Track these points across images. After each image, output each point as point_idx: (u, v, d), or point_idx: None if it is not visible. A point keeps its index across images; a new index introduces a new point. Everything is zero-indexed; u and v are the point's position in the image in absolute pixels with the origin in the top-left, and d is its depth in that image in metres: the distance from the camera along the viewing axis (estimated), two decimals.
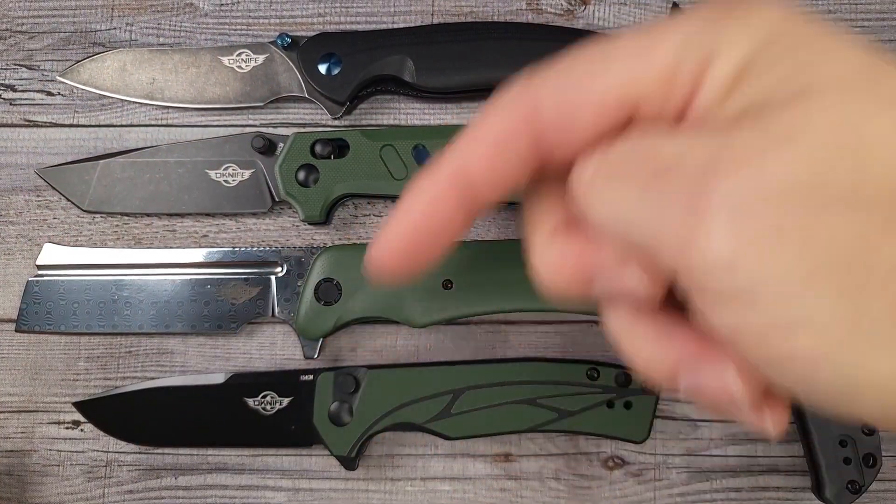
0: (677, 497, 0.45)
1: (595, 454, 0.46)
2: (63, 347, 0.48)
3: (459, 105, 0.50)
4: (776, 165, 0.14)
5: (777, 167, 0.14)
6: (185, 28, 0.51)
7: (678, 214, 0.15)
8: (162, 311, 0.46)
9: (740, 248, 0.14)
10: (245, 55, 0.49)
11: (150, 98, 0.49)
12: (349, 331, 0.47)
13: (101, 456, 0.47)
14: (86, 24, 0.51)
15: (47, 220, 0.49)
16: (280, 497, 0.46)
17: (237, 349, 0.48)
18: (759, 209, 0.14)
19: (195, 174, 0.47)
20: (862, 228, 0.14)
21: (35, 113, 0.50)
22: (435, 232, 0.20)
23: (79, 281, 0.47)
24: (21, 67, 0.51)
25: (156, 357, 0.47)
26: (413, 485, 0.46)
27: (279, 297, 0.45)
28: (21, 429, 0.47)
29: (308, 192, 0.46)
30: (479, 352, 0.47)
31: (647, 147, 0.17)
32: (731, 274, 0.15)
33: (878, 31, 0.49)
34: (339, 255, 0.45)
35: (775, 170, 0.14)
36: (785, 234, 0.14)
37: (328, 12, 0.51)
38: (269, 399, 0.44)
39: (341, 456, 0.43)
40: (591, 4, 0.51)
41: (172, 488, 0.46)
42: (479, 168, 0.19)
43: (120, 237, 0.49)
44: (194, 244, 0.48)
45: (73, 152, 0.50)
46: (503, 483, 0.46)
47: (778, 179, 0.14)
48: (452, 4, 0.51)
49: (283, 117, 0.50)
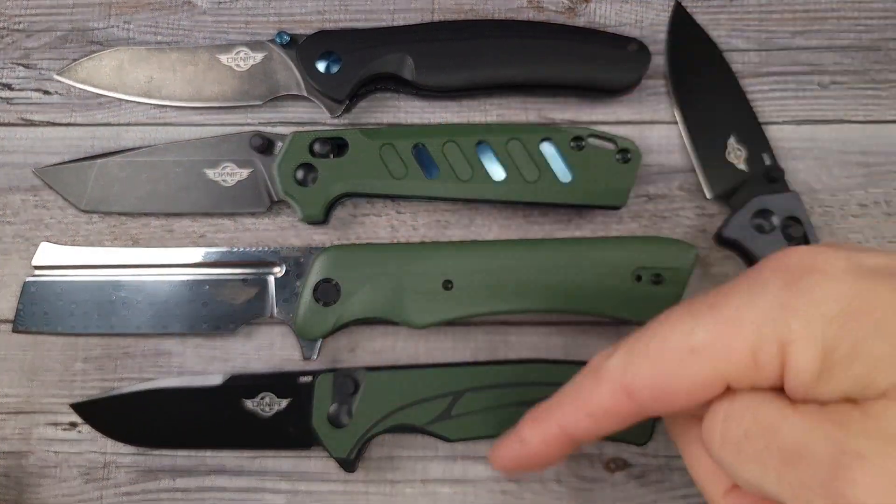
0: (679, 499, 0.45)
1: (597, 456, 0.45)
2: (60, 348, 0.47)
3: (460, 103, 0.49)
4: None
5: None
6: (183, 26, 0.51)
7: (820, 495, 0.18)
8: (160, 311, 0.46)
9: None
10: (243, 53, 0.48)
11: (148, 97, 0.49)
12: (348, 332, 0.47)
13: (98, 458, 0.46)
14: (83, 23, 0.51)
15: (44, 220, 0.49)
16: (279, 499, 0.46)
17: (235, 350, 0.47)
18: None
19: (193, 173, 0.47)
20: None
21: (32, 112, 0.50)
22: (538, 459, 0.27)
23: (76, 281, 0.46)
24: (18, 66, 0.51)
25: (153, 358, 0.47)
26: (413, 487, 0.45)
27: (278, 297, 0.45)
28: (18, 430, 0.47)
29: (307, 192, 0.45)
30: (479, 353, 0.47)
31: (764, 422, 0.20)
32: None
33: (882, 30, 0.49)
34: (338, 255, 0.44)
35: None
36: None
37: (327, 10, 0.51)
38: (267, 400, 0.44)
39: (340, 458, 0.43)
40: (592, 2, 0.50)
41: (170, 490, 0.46)
42: (580, 432, 0.24)
43: (117, 237, 0.49)
44: (192, 244, 0.48)
45: (71, 151, 0.49)
46: (504, 485, 0.45)
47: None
48: (453, 2, 0.51)
49: (282, 116, 0.50)
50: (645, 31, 0.50)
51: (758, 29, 0.50)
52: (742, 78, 0.49)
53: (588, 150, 0.44)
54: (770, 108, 0.48)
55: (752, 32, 0.49)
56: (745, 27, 0.50)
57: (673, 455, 0.45)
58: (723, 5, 0.50)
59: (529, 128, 0.46)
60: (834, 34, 0.49)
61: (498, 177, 0.45)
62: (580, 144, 0.44)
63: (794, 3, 0.50)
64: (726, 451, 0.21)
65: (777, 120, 0.48)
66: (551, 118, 0.49)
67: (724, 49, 0.49)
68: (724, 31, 0.50)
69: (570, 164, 0.44)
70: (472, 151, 0.45)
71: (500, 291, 0.43)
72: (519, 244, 0.44)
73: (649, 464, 0.45)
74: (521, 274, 0.43)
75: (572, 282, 0.42)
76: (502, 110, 0.49)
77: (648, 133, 0.49)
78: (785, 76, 0.49)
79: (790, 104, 0.48)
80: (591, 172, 0.44)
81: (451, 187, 0.45)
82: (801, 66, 0.49)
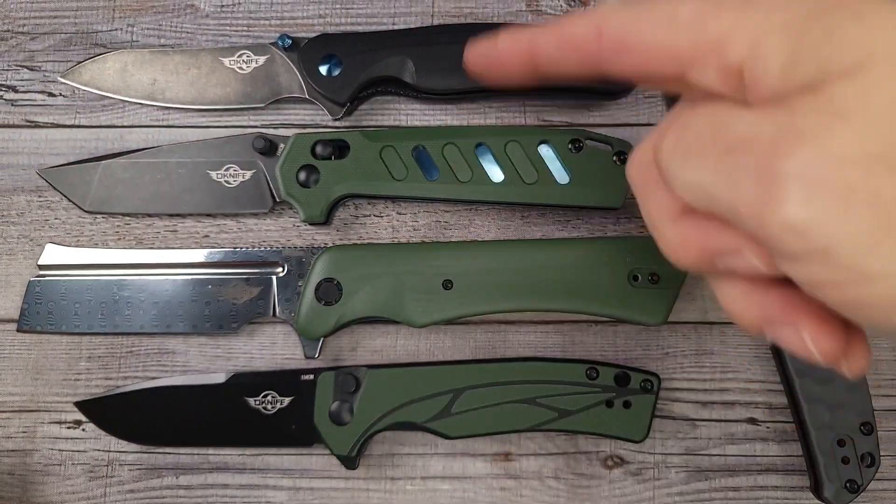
0: (676, 496, 0.46)
1: (594, 453, 0.46)
2: (65, 347, 0.48)
3: (459, 106, 0.50)
4: (841, 139, 0.16)
5: (842, 140, 0.16)
6: (187, 29, 0.51)
7: (753, 185, 0.17)
8: (163, 311, 0.46)
9: (813, 213, 0.16)
10: (246, 56, 0.49)
11: (152, 99, 0.50)
12: (349, 331, 0.47)
13: (102, 455, 0.47)
14: (87, 25, 0.51)
15: (49, 221, 0.49)
16: (281, 496, 0.46)
17: (238, 349, 0.48)
18: (828, 178, 0.16)
19: (196, 175, 0.47)
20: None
21: (36, 114, 0.51)
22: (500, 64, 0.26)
23: (80, 281, 0.47)
24: (23, 68, 0.51)
25: (157, 357, 0.48)
26: (413, 484, 0.46)
27: (280, 297, 0.46)
28: (23, 428, 0.47)
29: (309, 193, 0.46)
30: (478, 351, 0.47)
31: (717, 122, 0.19)
32: (806, 236, 0.17)
33: None
34: (339, 255, 0.45)
35: (841, 143, 0.16)
36: (854, 198, 0.16)
37: (329, 13, 0.51)
38: (269, 398, 0.44)
39: (342, 455, 0.43)
40: (590, 5, 0.51)
41: (174, 487, 0.46)
42: (542, 56, 0.25)
43: (121, 237, 0.49)
44: (195, 244, 0.49)
45: (75, 153, 0.50)
46: (503, 482, 0.46)
47: (843, 151, 0.16)
48: (452, 6, 0.51)
49: (284, 118, 0.50)
50: None
51: None
52: None
53: (585, 152, 0.45)
54: None
55: None
56: None
57: (670, 452, 0.46)
58: None
59: (528, 130, 0.46)
60: None
61: (497, 178, 0.45)
62: (578, 147, 0.45)
63: None
64: (675, 155, 0.21)
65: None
66: (549, 121, 0.50)
67: None
68: None
69: (568, 166, 0.45)
70: (472, 153, 0.45)
71: (500, 291, 0.43)
72: (517, 244, 0.45)
73: (646, 461, 0.46)
74: (520, 274, 0.43)
75: (570, 282, 0.43)
76: (501, 113, 0.50)
77: (645, 135, 0.49)
78: None
79: None
80: (588, 174, 0.45)
81: (451, 188, 0.45)
82: None
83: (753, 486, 0.46)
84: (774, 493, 0.46)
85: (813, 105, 0.17)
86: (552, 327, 0.47)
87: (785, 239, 0.17)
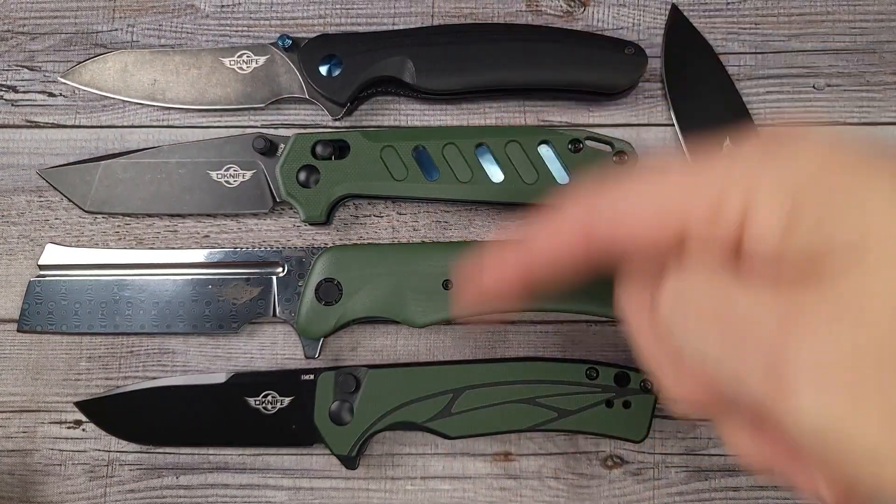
0: (676, 496, 0.46)
1: (594, 453, 0.46)
2: (65, 347, 0.48)
3: (459, 106, 0.50)
4: (846, 332, 0.16)
5: (847, 334, 0.16)
6: (187, 29, 0.51)
7: (761, 370, 0.18)
8: (163, 311, 0.46)
9: (824, 410, 0.16)
10: (246, 56, 0.49)
11: (152, 99, 0.50)
12: (349, 331, 0.48)
13: (102, 455, 0.47)
14: (87, 26, 0.51)
15: (49, 221, 0.49)
16: (281, 496, 0.46)
17: (238, 349, 0.48)
18: (836, 373, 0.16)
19: (196, 175, 0.47)
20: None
21: (37, 114, 0.51)
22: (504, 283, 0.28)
23: (80, 281, 0.47)
24: (23, 68, 0.51)
25: (157, 357, 0.48)
26: (413, 484, 0.46)
27: (280, 297, 0.46)
28: (23, 428, 0.47)
29: (309, 193, 0.46)
30: (478, 351, 0.47)
31: (718, 297, 0.20)
32: (820, 435, 0.17)
33: (876, 33, 0.50)
34: (339, 255, 0.45)
35: (846, 336, 0.16)
36: (863, 393, 0.16)
37: (329, 14, 0.51)
38: (270, 398, 0.44)
39: (342, 455, 0.43)
40: (590, 6, 0.51)
41: (174, 487, 0.46)
42: (540, 266, 0.26)
43: (121, 237, 0.49)
44: (196, 244, 0.49)
45: (75, 153, 0.50)
46: (503, 482, 0.46)
47: (849, 344, 0.16)
48: (452, 6, 0.51)
49: (284, 118, 0.50)
50: (642, 35, 0.50)
51: (753, 32, 0.50)
52: (738, 81, 0.49)
53: (585, 152, 0.45)
54: (766, 111, 0.49)
55: (748, 36, 0.50)
56: (741, 30, 0.50)
57: (669, 452, 0.46)
58: (719, 9, 0.51)
59: (528, 130, 0.46)
60: (829, 37, 0.50)
61: (497, 178, 0.45)
62: (577, 147, 0.45)
63: (789, 7, 0.50)
64: (674, 315, 0.21)
65: (773, 122, 0.49)
66: (549, 121, 0.50)
67: (720, 52, 0.50)
68: (720, 34, 0.50)
69: (568, 166, 0.45)
70: (472, 154, 0.45)
71: None
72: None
73: (646, 461, 0.46)
74: None
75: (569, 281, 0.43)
76: (501, 113, 0.50)
77: (645, 135, 0.49)
78: (780, 79, 0.49)
79: (785, 107, 0.49)
80: (588, 174, 0.45)
81: (451, 189, 0.45)
82: (796, 69, 0.50)
83: (753, 485, 0.46)
84: (774, 493, 0.46)
85: (815, 296, 0.17)
86: (552, 327, 0.47)
87: (798, 430, 0.17)
